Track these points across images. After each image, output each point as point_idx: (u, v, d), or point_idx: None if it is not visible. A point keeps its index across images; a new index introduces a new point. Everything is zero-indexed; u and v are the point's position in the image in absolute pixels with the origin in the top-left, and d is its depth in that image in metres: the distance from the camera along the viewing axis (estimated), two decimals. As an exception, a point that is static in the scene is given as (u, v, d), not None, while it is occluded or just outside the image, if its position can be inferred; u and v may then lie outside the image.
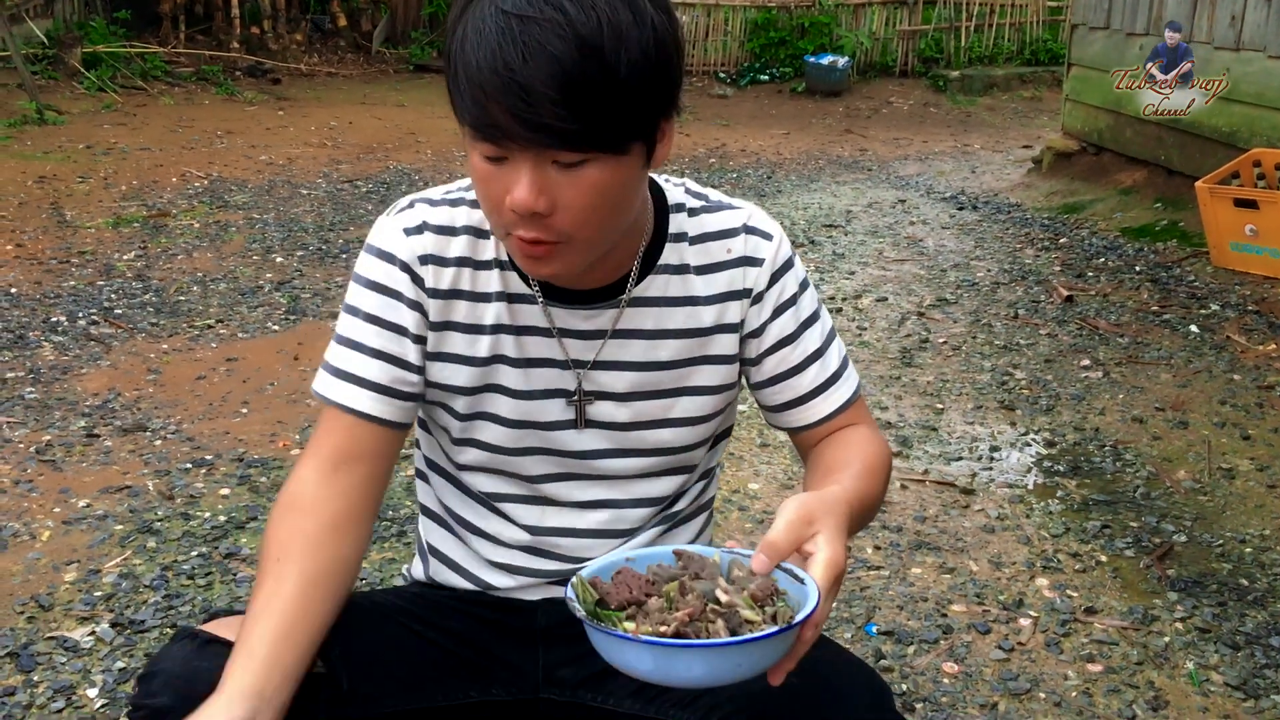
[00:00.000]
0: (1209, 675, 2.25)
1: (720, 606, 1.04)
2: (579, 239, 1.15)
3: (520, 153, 1.09)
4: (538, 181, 1.10)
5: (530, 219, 1.12)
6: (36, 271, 4.69)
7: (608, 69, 1.05)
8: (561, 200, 1.11)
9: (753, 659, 1.00)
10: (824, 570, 1.05)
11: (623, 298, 1.31)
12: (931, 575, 2.60)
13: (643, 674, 1.01)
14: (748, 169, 7.64)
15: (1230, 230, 4.91)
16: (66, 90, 8.50)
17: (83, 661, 2.19)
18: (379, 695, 1.30)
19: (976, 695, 2.17)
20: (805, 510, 1.08)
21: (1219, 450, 3.27)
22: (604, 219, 1.16)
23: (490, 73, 1.05)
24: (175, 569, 2.52)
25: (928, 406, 3.60)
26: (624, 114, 1.09)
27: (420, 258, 1.28)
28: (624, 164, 1.13)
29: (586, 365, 1.32)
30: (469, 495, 1.41)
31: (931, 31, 11.81)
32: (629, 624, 1.04)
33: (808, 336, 1.36)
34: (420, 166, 7.19)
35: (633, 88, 1.08)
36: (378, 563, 2.57)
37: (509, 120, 1.06)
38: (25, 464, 3.01)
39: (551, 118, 1.05)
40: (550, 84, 1.04)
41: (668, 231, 1.33)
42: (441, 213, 1.30)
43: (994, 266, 5.26)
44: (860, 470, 1.26)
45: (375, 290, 1.29)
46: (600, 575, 1.10)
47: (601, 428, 1.34)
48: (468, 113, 1.09)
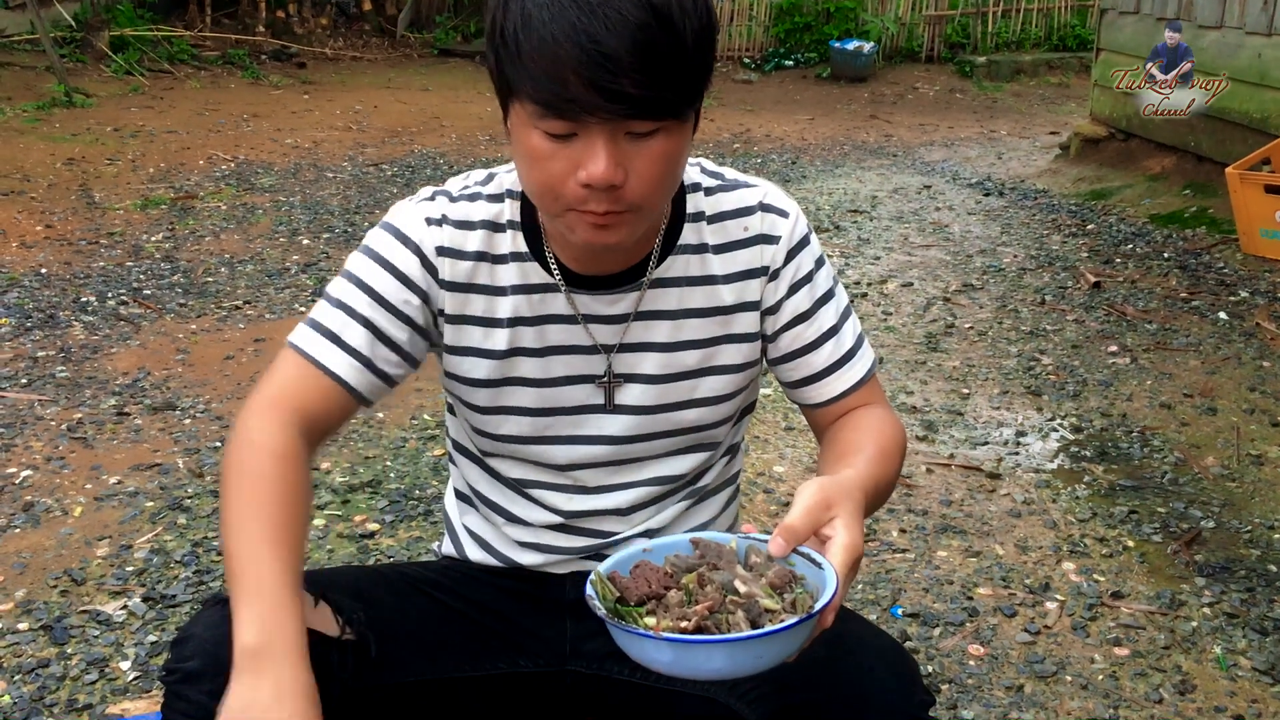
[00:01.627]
0: (1236, 660, 2.24)
1: (739, 597, 1.04)
2: (646, 207, 1.17)
3: (596, 126, 1.09)
4: (614, 154, 1.11)
5: (605, 192, 1.12)
6: (66, 252, 4.73)
7: (678, 37, 1.08)
8: (634, 170, 1.13)
9: (775, 649, 1.00)
10: (842, 555, 1.05)
11: (644, 280, 1.31)
12: (957, 559, 2.60)
13: (666, 669, 1.01)
14: (772, 154, 7.61)
15: (1260, 217, 4.86)
16: (94, 73, 8.54)
17: (115, 635, 2.21)
18: (406, 663, 1.32)
19: (1003, 677, 2.17)
20: (823, 495, 1.09)
21: (1247, 437, 3.25)
22: (668, 187, 1.18)
23: (571, 45, 1.05)
24: (205, 545, 2.54)
25: (953, 391, 3.59)
26: (690, 81, 1.12)
27: (438, 249, 1.29)
28: (684, 131, 1.16)
29: (614, 349, 1.32)
30: (498, 480, 1.42)
31: (958, 17, 11.72)
32: (650, 619, 1.04)
33: (823, 314, 1.36)
34: (445, 150, 7.20)
35: (695, 55, 1.11)
36: (405, 541, 2.59)
37: (588, 93, 1.06)
38: (57, 441, 3.04)
39: (632, 87, 1.06)
40: (634, 53, 1.05)
41: (686, 212, 1.33)
42: (460, 208, 1.30)
43: (1020, 252, 5.23)
44: (875, 453, 1.27)
45: (382, 266, 1.28)
46: (619, 569, 1.10)
47: (629, 411, 1.35)
48: (539, 89, 1.08)
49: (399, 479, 2.90)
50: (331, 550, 2.55)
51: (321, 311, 1.28)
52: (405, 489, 2.84)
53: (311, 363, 1.25)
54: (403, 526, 2.66)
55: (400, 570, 1.46)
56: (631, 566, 1.10)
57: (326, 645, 1.20)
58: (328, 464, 2.97)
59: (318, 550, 2.55)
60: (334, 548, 2.56)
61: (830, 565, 1.04)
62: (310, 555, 2.52)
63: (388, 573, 1.45)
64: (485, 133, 7.81)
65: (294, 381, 1.25)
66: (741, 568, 1.09)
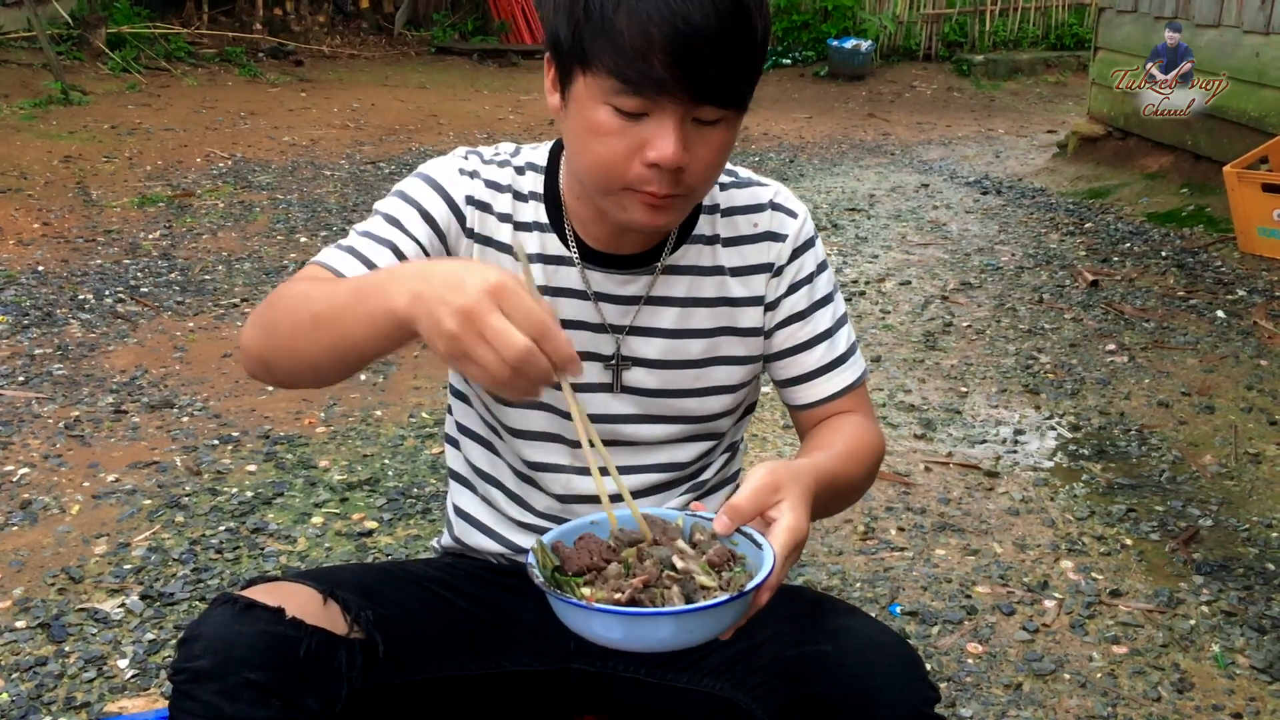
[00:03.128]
0: (1234, 658, 2.24)
1: (676, 573, 1.06)
2: (699, 193, 1.22)
3: (671, 108, 1.13)
4: (683, 137, 1.14)
5: (669, 174, 1.16)
6: (63, 250, 4.72)
7: (752, 29, 1.14)
8: (695, 156, 1.17)
9: (705, 624, 1.01)
10: (784, 536, 1.07)
11: (658, 264, 1.33)
12: (956, 557, 2.60)
13: (594, 638, 1.03)
14: (770, 153, 7.61)
15: (1258, 215, 4.87)
16: (91, 71, 8.52)
17: (113, 633, 2.21)
18: (413, 661, 1.32)
19: (1001, 675, 2.18)
20: (772, 478, 1.10)
21: (1245, 435, 3.25)
22: (718, 175, 1.24)
23: (664, 24, 1.08)
24: (203, 543, 2.54)
25: (951, 390, 3.59)
26: (755, 74, 1.18)
27: (468, 198, 1.32)
28: (739, 123, 1.21)
29: (623, 330, 1.33)
30: (505, 461, 1.42)
31: (956, 15, 11.72)
32: (587, 590, 1.06)
33: (819, 316, 1.38)
34: (443, 148, 7.18)
35: (761, 50, 1.17)
36: (403, 539, 2.59)
37: (672, 73, 1.10)
38: (54, 439, 3.04)
39: (713, 72, 1.11)
40: (721, 39, 1.10)
41: (703, 204, 1.35)
42: (491, 170, 1.34)
43: (1018, 251, 5.23)
44: (841, 452, 1.29)
45: (411, 205, 1.30)
46: (564, 539, 1.13)
47: (634, 393, 1.36)
48: (623, 64, 1.11)
49: (397, 477, 2.90)
50: (330, 548, 2.55)
51: (348, 239, 1.29)
52: (403, 487, 2.84)
53: (329, 269, 1.24)
54: (401, 525, 2.65)
55: (405, 568, 1.46)
56: (576, 538, 1.13)
57: (334, 644, 1.20)
58: (326, 461, 2.97)
59: (316, 548, 2.54)
60: (332, 546, 2.56)
61: (770, 546, 1.06)
62: (308, 553, 2.52)
63: (393, 570, 1.45)
64: (483, 130, 7.81)
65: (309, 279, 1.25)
66: (686, 544, 1.11)
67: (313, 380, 1.19)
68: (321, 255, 1.27)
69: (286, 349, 1.14)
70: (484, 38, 11.27)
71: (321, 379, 1.18)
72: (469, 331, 0.96)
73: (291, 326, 1.13)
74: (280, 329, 1.15)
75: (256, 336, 1.18)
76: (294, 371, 1.17)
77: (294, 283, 1.19)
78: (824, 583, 2.47)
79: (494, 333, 0.96)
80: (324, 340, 1.10)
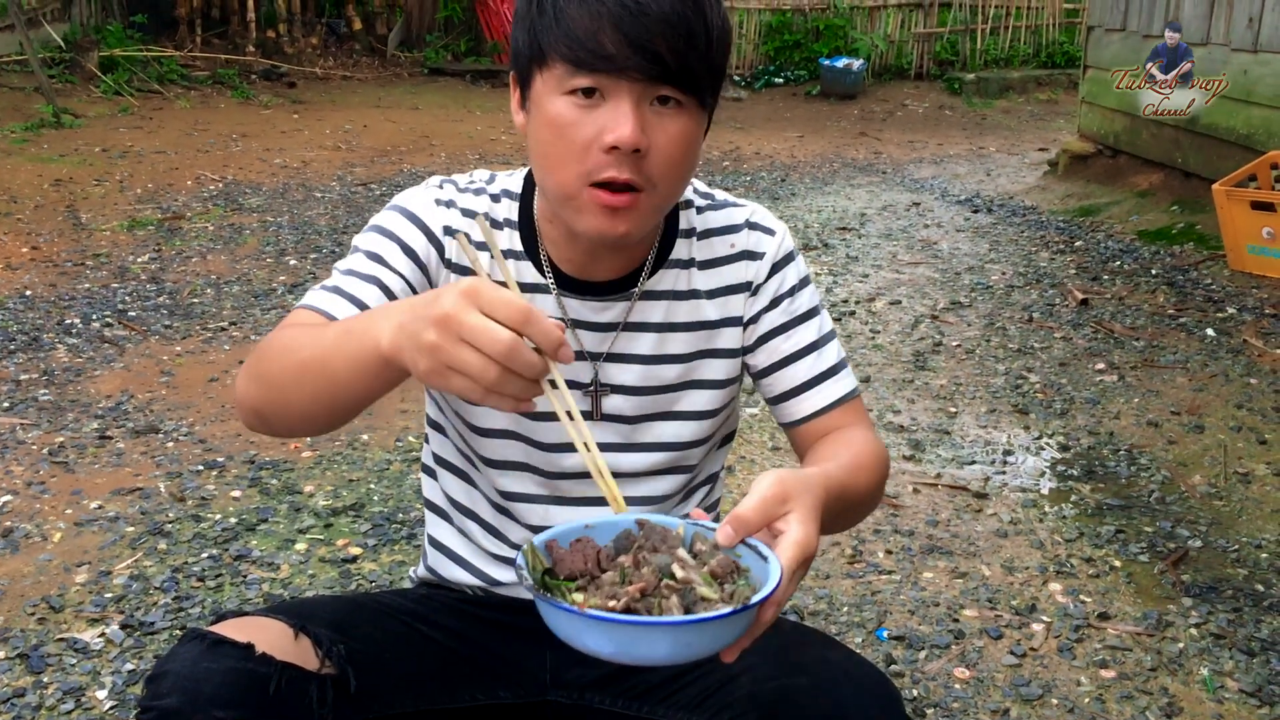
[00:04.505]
0: (1224, 681, 2.22)
1: (675, 582, 0.98)
2: (660, 189, 1.20)
3: (626, 88, 1.14)
4: (640, 116, 1.15)
5: (627, 158, 1.15)
6: (51, 274, 4.71)
7: (707, 20, 1.16)
8: (655, 142, 1.17)
9: (705, 639, 0.93)
10: (791, 550, 1.00)
11: (635, 290, 1.32)
12: (943, 580, 2.59)
13: (584, 649, 0.94)
14: (762, 172, 7.62)
15: (1247, 233, 4.87)
16: (83, 94, 8.54)
17: (92, 663, 2.19)
18: (386, 696, 1.30)
19: (988, 701, 2.16)
20: (781, 488, 1.04)
21: (1235, 455, 3.24)
22: (682, 173, 1.22)
23: (615, 5, 1.11)
24: (186, 571, 2.52)
25: (941, 410, 3.58)
26: (712, 66, 1.18)
27: (445, 228, 1.31)
28: (700, 121, 1.21)
29: (601, 357, 1.33)
30: (481, 492, 1.41)
31: (947, 34, 11.77)
32: (578, 596, 0.99)
33: (803, 330, 1.37)
34: (434, 170, 7.20)
35: (718, 47, 1.18)
36: (388, 565, 2.57)
37: (623, 48, 1.12)
38: (38, 466, 3.02)
39: (664, 48, 1.12)
40: (669, 17, 1.12)
41: (678, 227, 1.35)
42: (466, 198, 1.34)
43: (1009, 270, 5.23)
44: (848, 463, 1.24)
45: (390, 239, 1.30)
46: (559, 539, 1.05)
47: (614, 421, 1.35)
48: (574, 45, 1.13)
49: (382, 502, 2.88)
50: (313, 575, 2.53)
51: (332, 279, 1.29)
52: (389, 512, 2.82)
53: (320, 313, 1.23)
54: (385, 550, 2.64)
55: (378, 600, 1.44)
56: (572, 540, 1.05)
57: (306, 679, 1.18)
58: (311, 487, 2.95)
59: (299, 575, 2.52)
60: (315, 573, 2.54)
61: (776, 559, 0.98)
62: (291, 580, 2.50)
63: (366, 602, 1.43)
64: (475, 151, 7.82)
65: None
66: (687, 553, 1.03)
67: (306, 428, 1.18)
68: (308, 298, 1.26)
69: (278, 399, 1.14)
70: (477, 58, 11.30)
71: (314, 426, 1.17)
72: (449, 337, 0.93)
73: (280, 375, 1.13)
74: (270, 379, 1.15)
75: (249, 389, 1.18)
76: (287, 420, 1.17)
77: (281, 330, 1.19)
78: (811, 606, 2.46)
79: (474, 330, 0.92)
80: (313, 386, 1.09)
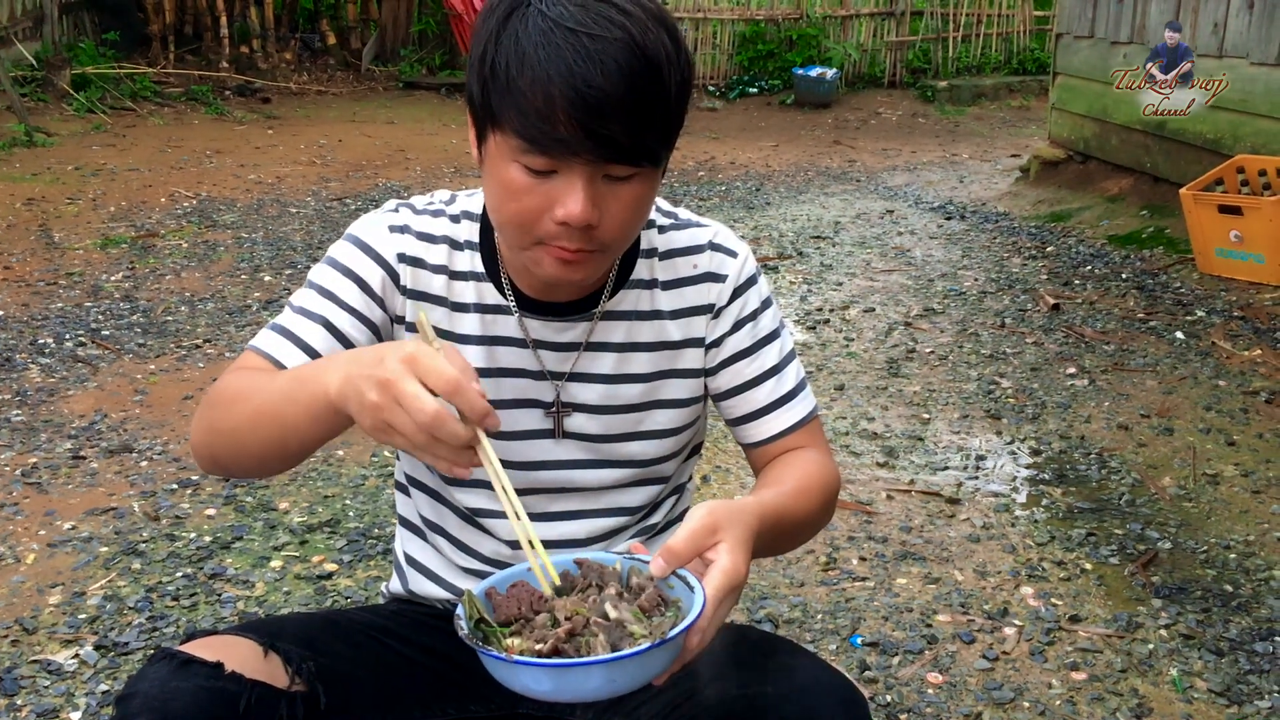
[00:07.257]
0: (1193, 682, 2.25)
1: (606, 621, 1.05)
2: (614, 248, 1.21)
3: (579, 167, 1.13)
4: (592, 194, 1.14)
5: (580, 232, 1.15)
6: (24, 293, 4.69)
7: (664, 88, 1.13)
8: (607, 212, 1.16)
9: (631, 672, 1.00)
10: (718, 579, 1.05)
11: (596, 311, 1.33)
12: (917, 585, 2.61)
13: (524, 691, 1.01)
14: (736, 181, 7.65)
15: (1215, 236, 4.93)
16: (55, 112, 8.50)
17: (66, 684, 2.18)
18: (357, 712, 1.30)
19: (961, 705, 2.18)
20: (711, 519, 1.09)
21: (1204, 456, 3.28)
22: (636, 229, 1.23)
23: (565, 86, 1.08)
24: (160, 590, 2.52)
25: (914, 416, 3.61)
26: (669, 130, 1.17)
27: (399, 255, 1.32)
28: (656, 177, 1.21)
29: (563, 377, 1.34)
30: (451, 508, 1.42)
31: (919, 42, 11.85)
32: (514, 640, 1.05)
33: (765, 353, 1.39)
34: (410, 183, 7.20)
35: (676, 105, 1.16)
36: (363, 580, 2.57)
37: (576, 134, 1.10)
38: (10, 487, 3.01)
39: (619, 133, 1.10)
40: (625, 100, 1.09)
41: (640, 248, 1.36)
42: (424, 221, 1.34)
43: (981, 276, 5.27)
44: (792, 489, 1.28)
45: (342, 273, 1.31)
46: (498, 586, 1.12)
47: (578, 439, 1.36)
48: (527, 125, 1.11)
49: (358, 518, 2.88)
50: (289, 592, 2.53)
51: (283, 317, 1.30)
52: (364, 528, 2.82)
53: (267, 358, 1.26)
54: (361, 566, 2.64)
55: (349, 616, 1.45)
56: (509, 585, 1.11)
57: (275, 697, 1.18)
58: (285, 504, 2.95)
59: (274, 593, 2.52)
60: (291, 589, 2.54)
61: (702, 588, 1.04)
62: (266, 598, 2.50)
63: (337, 619, 1.44)
64: (450, 165, 7.82)
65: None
66: (623, 588, 1.10)
67: (260, 471, 1.24)
68: (257, 340, 1.29)
69: (232, 445, 1.20)
70: (451, 72, 11.30)
71: (268, 469, 1.23)
72: (387, 399, 1.02)
73: (235, 423, 1.19)
74: (224, 428, 1.20)
75: (203, 438, 1.23)
76: (243, 464, 1.22)
77: (232, 375, 1.23)
78: (785, 615, 2.47)
79: (407, 397, 1.01)
80: (267, 432, 1.15)
